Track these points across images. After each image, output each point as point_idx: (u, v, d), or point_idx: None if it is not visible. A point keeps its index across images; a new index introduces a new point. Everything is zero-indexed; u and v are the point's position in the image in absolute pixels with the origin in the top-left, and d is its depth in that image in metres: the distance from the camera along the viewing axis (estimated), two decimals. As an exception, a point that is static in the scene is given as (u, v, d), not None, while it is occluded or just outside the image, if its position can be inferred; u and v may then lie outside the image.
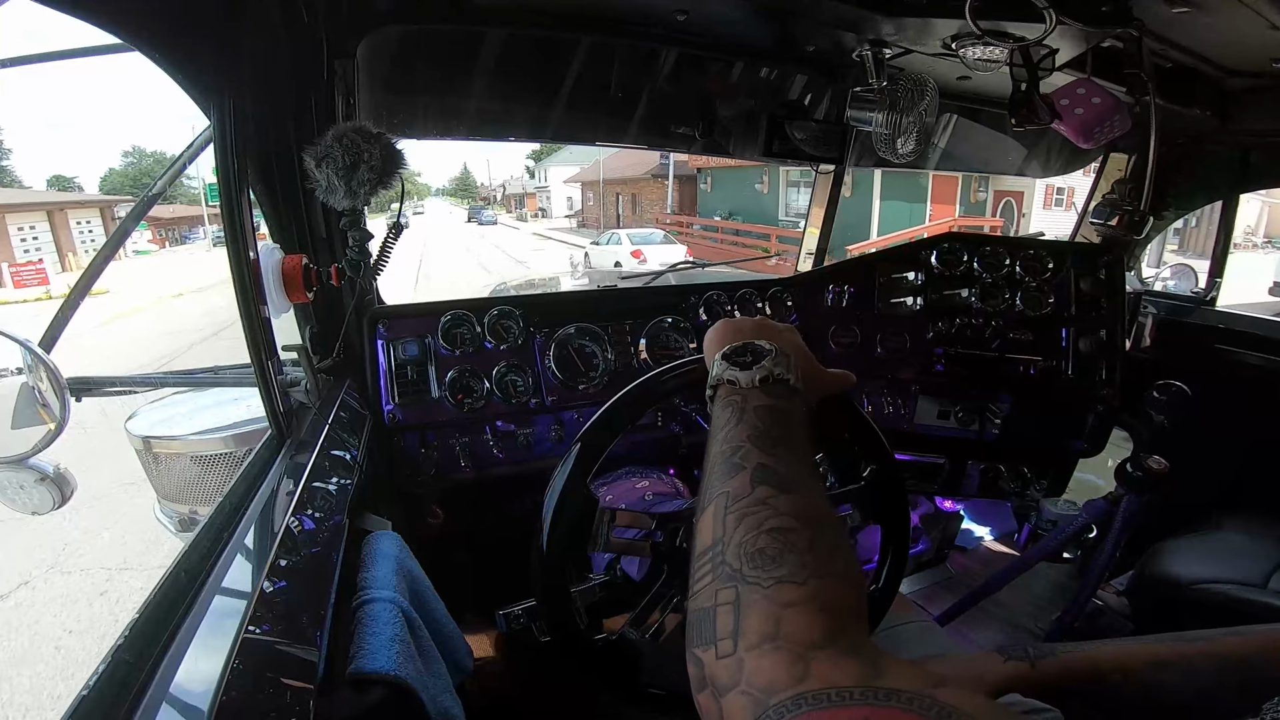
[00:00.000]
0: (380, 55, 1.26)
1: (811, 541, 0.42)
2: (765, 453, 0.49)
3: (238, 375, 1.34)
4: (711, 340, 0.68)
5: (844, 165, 1.84)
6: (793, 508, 0.44)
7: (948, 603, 1.75)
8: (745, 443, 0.51)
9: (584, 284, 6.22)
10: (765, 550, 0.41)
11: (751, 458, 0.49)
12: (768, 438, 0.51)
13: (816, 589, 0.39)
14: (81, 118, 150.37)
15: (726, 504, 0.46)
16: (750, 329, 0.67)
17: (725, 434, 0.53)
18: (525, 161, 51.82)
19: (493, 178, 63.39)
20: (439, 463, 1.43)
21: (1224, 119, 1.59)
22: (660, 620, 0.79)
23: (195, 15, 0.85)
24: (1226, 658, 0.62)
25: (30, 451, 0.87)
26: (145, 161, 48.97)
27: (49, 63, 1.12)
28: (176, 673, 0.52)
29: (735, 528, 0.44)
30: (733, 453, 0.50)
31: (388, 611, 0.77)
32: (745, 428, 0.52)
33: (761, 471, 0.47)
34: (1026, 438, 1.80)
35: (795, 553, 0.41)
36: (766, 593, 0.39)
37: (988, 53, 1.21)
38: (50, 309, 0.94)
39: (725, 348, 0.62)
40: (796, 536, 0.42)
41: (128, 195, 38.15)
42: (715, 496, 0.47)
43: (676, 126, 1.69)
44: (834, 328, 1.75)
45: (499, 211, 45.26)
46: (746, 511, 0.44)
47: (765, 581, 0.40)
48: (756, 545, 0.42)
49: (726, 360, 0.60)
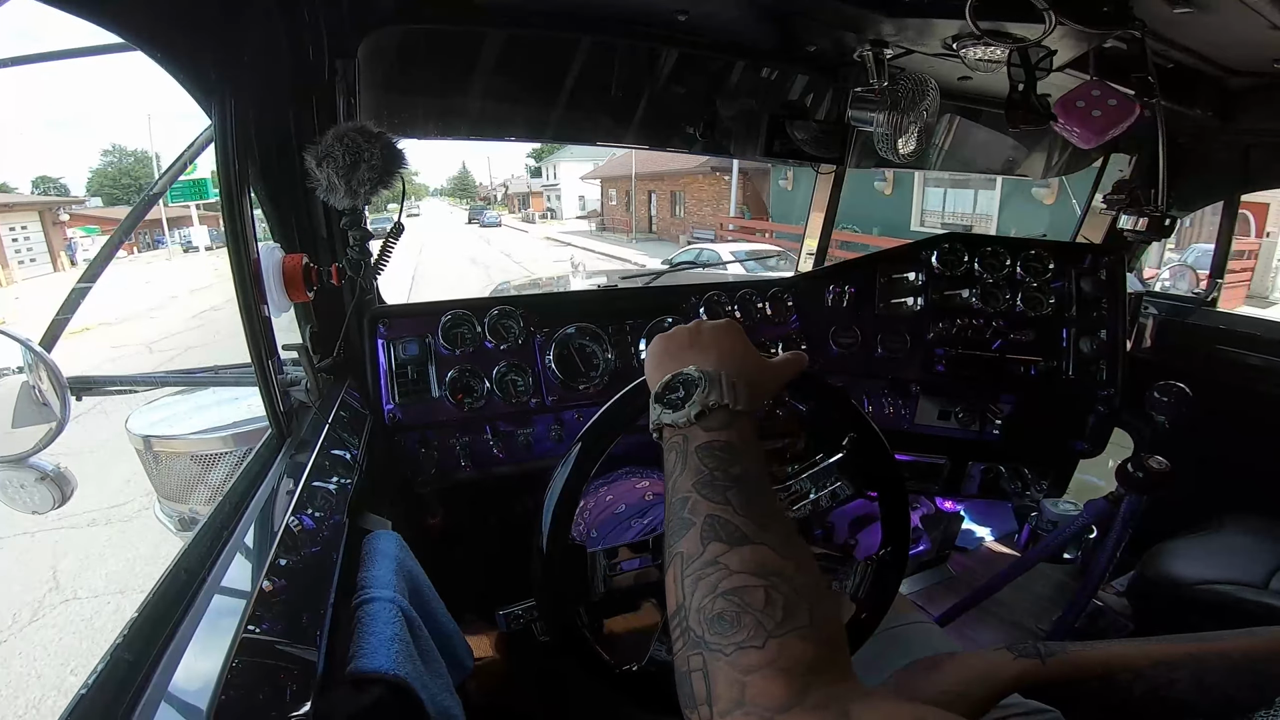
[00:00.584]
0: (381, 55, 1.26)
1: (768, 598, 0.42)
2: (713, 502, 0.48)
3: (238, 374, 1.34)
4: (650, 367, 0.65)
5: (845, 165, 1.84)
6: (745, 563, 0.44)
7: (948, 603, 1.75)
8: (691, 492, 0.50)
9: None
10: (723, 614, 0.41)
11: (700, 510, 0.48)
12: (713, 483, 0.50)
13: (776, 650, 0.39)
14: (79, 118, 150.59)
15: (683, 566, 0.46)
16: (682, 345, 0.64)
17: (674, 482, 0.52)
18: (525, 160, 49.18)
19: (493, 177, 60.48)
20: (439, 462, 1.43)
21: (1225, 119, 1.59)
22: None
23: (197, 14, 0.85)
24: (1236, 657, 0.62)
25: (31, 450, 0.87)
26: (126, 160, 46.70)
27: (50, 62, 1.12)
28: (176, 671, 0.52)
29: (693, 592, 0.44)
30: (682, 505, 0.49)
31: (387, 611, 0.77)
32: (690, 474, 0.51)
33: (710, 525, 0.47)
34: (1027, 438, 1.80)
35: (751, 613, 0.41)
36: (729, 659, 0.40)
37: (988, 53, 1.21)
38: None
39: (658, 385, 0.60)
40: (752, 595, 0.42)
41: (73, 198, 34.22)
42: (672, 557, 0.47)
43: (677, 126, 1.69)
44: (834, 328, 1.75)
45: (501, 212, 41.92)
46: (701, 574, 0.44)
47: (727, 648, 0.40)
48: (714, 610, 0.42)
49: (659, 402, 0.58)
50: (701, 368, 0.58)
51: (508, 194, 49.16)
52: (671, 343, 0.65)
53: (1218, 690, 0.61)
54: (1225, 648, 0.63)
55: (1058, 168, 2.24)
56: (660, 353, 0.65)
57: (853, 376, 1.76)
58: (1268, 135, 1.71)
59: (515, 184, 48.39)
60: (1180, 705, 0.62)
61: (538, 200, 39.36)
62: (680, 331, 0.66)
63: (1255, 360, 1.83)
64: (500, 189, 51.32)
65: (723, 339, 0.64)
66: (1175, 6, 1.07)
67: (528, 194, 42.30)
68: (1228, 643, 0.64)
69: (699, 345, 0.63)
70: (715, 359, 0.60)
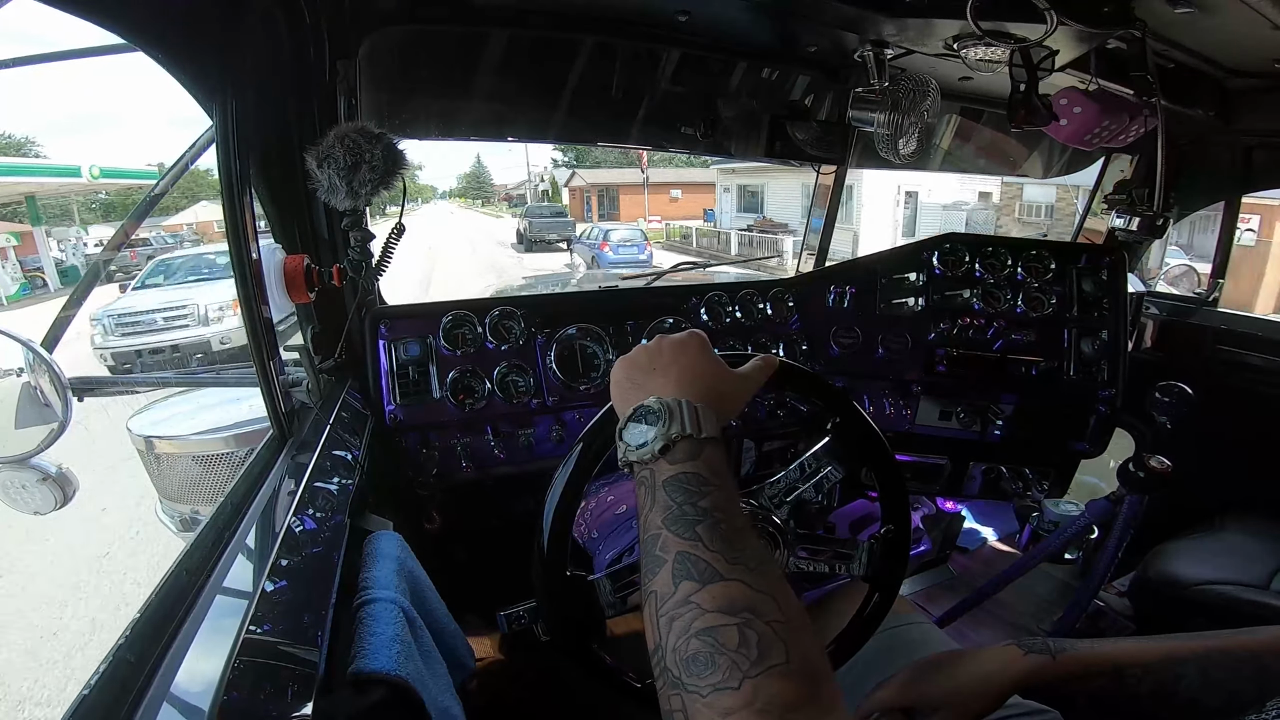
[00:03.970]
0: (382, 55, 1.26)
1: (742, 637, 0.41)
2: (681, 539, 0.48)
3: (239, 375, 1.34)
4: (615, 397, 0.64)
5: (845, 166, 1.85)
6: (717, 601, 0.43)
7: (949, 603, 1.75)
8: (661, 529, 0.49)
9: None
10: (697, 656, 0.41)
11: (670, 547, 0.47)
12: (682, 519, 0.49)
13: (752, 692, 0.39)
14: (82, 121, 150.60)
15: (657, 606, 0.45)
16: (641, 369, 0.63)
17: (645, 518, 0.52)
18: (552, 153, 41.00)
19: (532, 165, 42.57)
20: (440, 463, 1.43)
21: (1227, 119, 1.59)
22: None
23: (198, 15, 0.85)
24: (1241, 655, 0.62)
25: (33, 451, 0.88)
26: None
27: (52, 63, 1.12)
28: (178, 672, 0.52)
29: (667, 632, 0.44)
30: (653, 543, 0.49)
31: (389, 611, 0.77)
32: (659, 510, 0.51)
33: (681, 563, 0.46)
34: (1028, 439, 1.80)
35: (725, 654, 0.40)
36: (706, 700, 0.39)
37: (989, 53, 1.21)
38: None
39: (622, 420, 0.58)
40: (725, 635, 0.41)
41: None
42: (648, 596, 0.47)
43: (678, 127, 1.69)
44: (835, 328, 1.75)
45: (504, 212, 33.96)
46: (674, 614, 0.44)
47: (703, 690, 0.40)
48: (689, 651, 0.41)
49: (623, 439, 0.57)
50: (662, 396, 0.57)
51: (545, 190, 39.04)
52: (633, 368, 0.63)
53: (1222, 687, 0.61)
54: (1230, 645, 0.63)
55: (1058, 168, 2.24)
56: (622, 381, 0.63)
57: (854, 377, 1.76)
58: (1269, 136, 1.71)
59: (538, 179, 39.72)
60: (1186, 702, 0.62)
61: (635, 199, 29.11)
62: (639, 354, 0.64)
63: (1256, 360, 1.83)
64: (534, 182, 40.15)
65: (682, 357, 0.62)
66: (1176, 7, 1.07)
67: (607, 191, 31.23)
68: (1233, 640, 0.64)
69: (659, 367, 0.62)
70: (676, 381, 0.59)
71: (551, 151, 39.27)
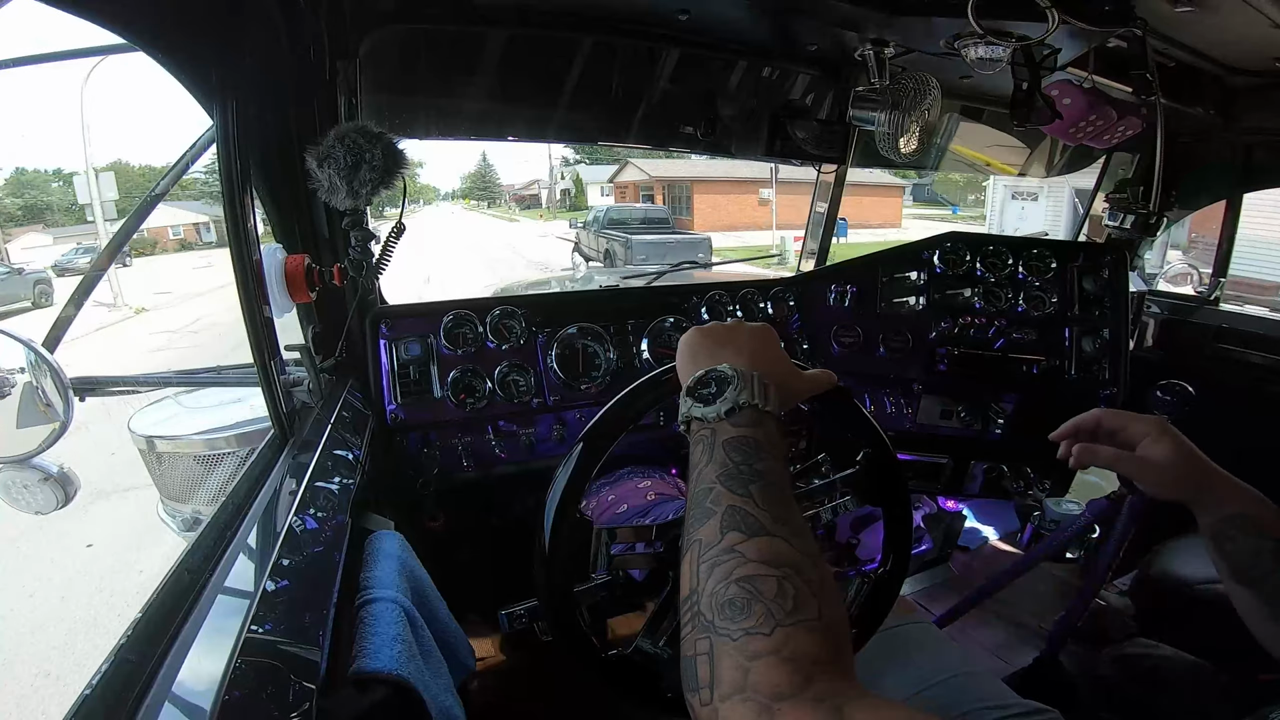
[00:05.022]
0: (382, 55, 1.26)
1: (780, 588, 0.42)
2: (735, 494, 0.49)
3: (240, 375, 1.34)
4: (682, 358, 0.66)
5: (846, 165, 1.84)
6: (761, 553, 0.44)
7: (950, 602, 1.75)
8: (716, 484, 0.50)
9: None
10: (734, 601, 0.42)
11: (721, 501, 0.49)
12: (737, 477, 0.50)
13: (783, 639, 0.40)
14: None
15: (699, 553, 0.46)
16: (719, 341, 0.65)
17: (698, 473, 0.53)
18: (563, 150, 32.71)
19: (555, 161, 35.47)
20: (441, 462, 1.43)
21: (1228, 118, 1.59)
22: (673, 626, 0.78)
23: (198, 15, 0.85)
24: None
25: (34, 451, 0.88)
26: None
27: (52, 63, 1.12)
28: (179, 672, 0.52)
29: (707, 578, 0.45)
30: (704, 495, 0.50)
31: (390, 611, 0.77)
32: (715, 466, 0.52)
33: (731, 516, 0.47)
34: (1030, 437, 1.79)
35: (762, 601, 0.41)
36: (736, 644, 0.40)
37: (990, 52, 1.21)
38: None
39: (690, 378, 0.60)
40: (765, 584, 0.42)
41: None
42: (691, 544, 0.48)
43: (678, 126, 1.69)
44: (836, 327, 1.75)
45: (548, 218, 26.92)
46: (716, 561, 0.45)
47: (735, 633, 0.40)
48: (726, 595, 0.42)
49: (691, 395, 0.59)
50: (735, 366, 0.59)
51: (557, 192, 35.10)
52: (707, 338, 0.66)
53: None
54: None
55: (1059, 167, 2.24)
56: (695, 346, 0.66)
57: (855, 376, 1.76)
58: (1270, 134, 1.70)
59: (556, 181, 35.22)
60: None
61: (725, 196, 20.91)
62: (717, 328, 0.67)
63: (1257, 359, 1.83)
64: (547, 184, 36.37)
65: (758, 341, 0.65)
66: (1177, 5, 1.07)
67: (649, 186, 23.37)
68: None
69: (734, 344, 0.64)
70: (749, 359, 0.61)
71: (562, 150, 33.83)
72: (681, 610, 0.46)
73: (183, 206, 22.28)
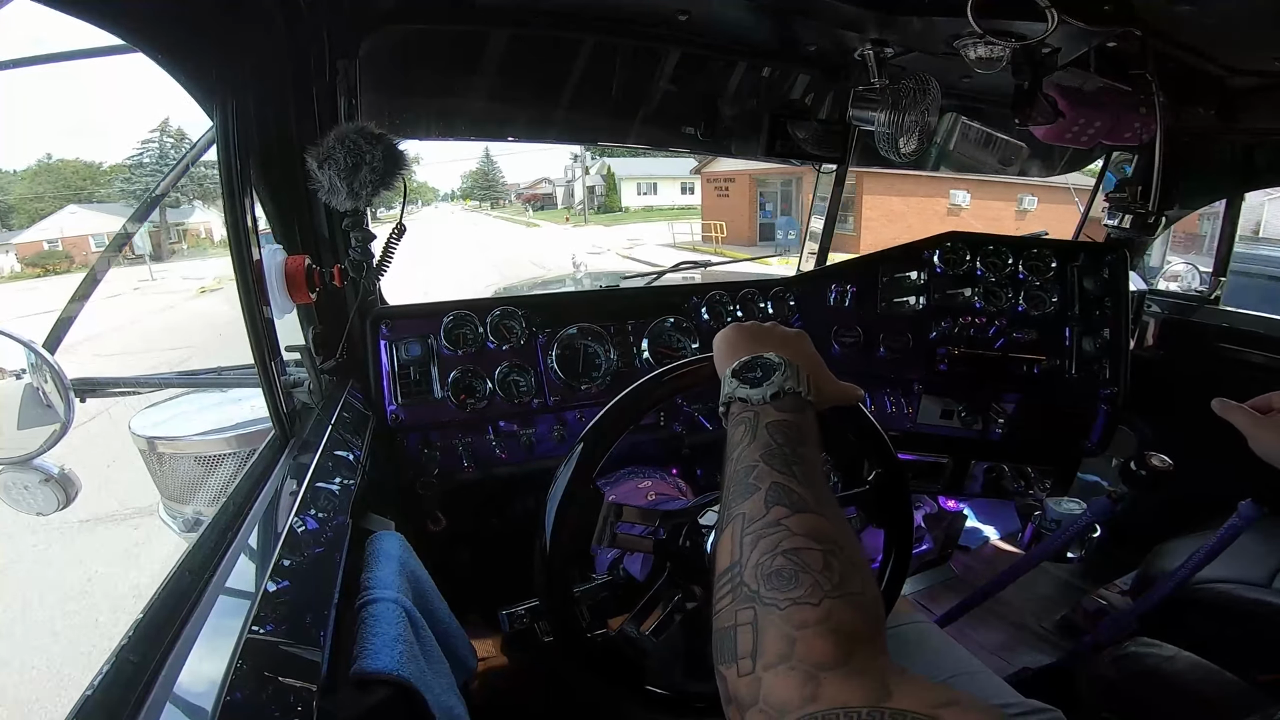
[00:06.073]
0: (382, 56, 1.26)
1: (826, 562, 0.43)
2: (779, 472, 0.50)
3: (241, 376, 1.34)
4: (721, 349, 0.69)
5: (846, 165, 1.84)
6: (806, 528, 0.45)
7: (951, 603, 1.75)
8: (759, 462, 0.52)
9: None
10: (781, 572, 0.42)
11: (765, 478, 0.50)
12: (780, 456, 0.52)
13: (829, 610, 0.40)
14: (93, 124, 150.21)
15: (743, 526, 0.47)
16: (760, 337, 0.68)
17: (739, 453, 0.54)
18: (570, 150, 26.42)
19: (571, 157, 31.14)
20: (441, 463, 1.43)
21: (1227, 118, 1.59)
22: (661, 618, 0.78)
23: (198, 16, 0.85)
24: None
25: (35, 452, 0.88)
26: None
27: (52, 64, 1.12)
28: (180, 673, 0.52)
29: (752, 549, 0.45)
30: (748, 473, 0.51)
31: (391, 611, 0.77)
32: (758, 446, 0.53)
33: (775, 492, 0.48)
34: (1030, 437, 1.79)
35: (810, 573, 0.42)
36: (782, 614, 0.40)
37: (989, 52, 1.21)
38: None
39: (735, 363, 0.63)
40: (811, 557, 0.43)
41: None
42: (733, 518, 0.49)
43: (678, 126, 1.69)
44: (836, 327, 1.75)
45: (576, 222, 22.07)
46: (762, 533, 0.46)
47: (781, 603, 0.41)
48: (773, 567, 0.43)
49: (736, 377, 0.61)
50: (781, 355, 0.62)
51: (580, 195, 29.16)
52: (749, 331, 0.70)
53: None
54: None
55: (1059, 167, 2.24)
56: (734, 339, 0.69)
57: (855, 376, 1.76)
58: (1269, 134, 1.70)
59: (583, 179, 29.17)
60: None
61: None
62: (755, 325, 0.72)
63: (1258, 358, 1.83)
64: (562, 182, 31.18)
65: (798, 343, 0.69)
66: (1177, 5, 1.07)
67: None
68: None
69: (774, 340, 0.68)
70: (791, 355, 0.64)
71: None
72: (718, 584, 0.46)
73: (104, 210, 18.45)
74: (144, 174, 25.07)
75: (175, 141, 24.77)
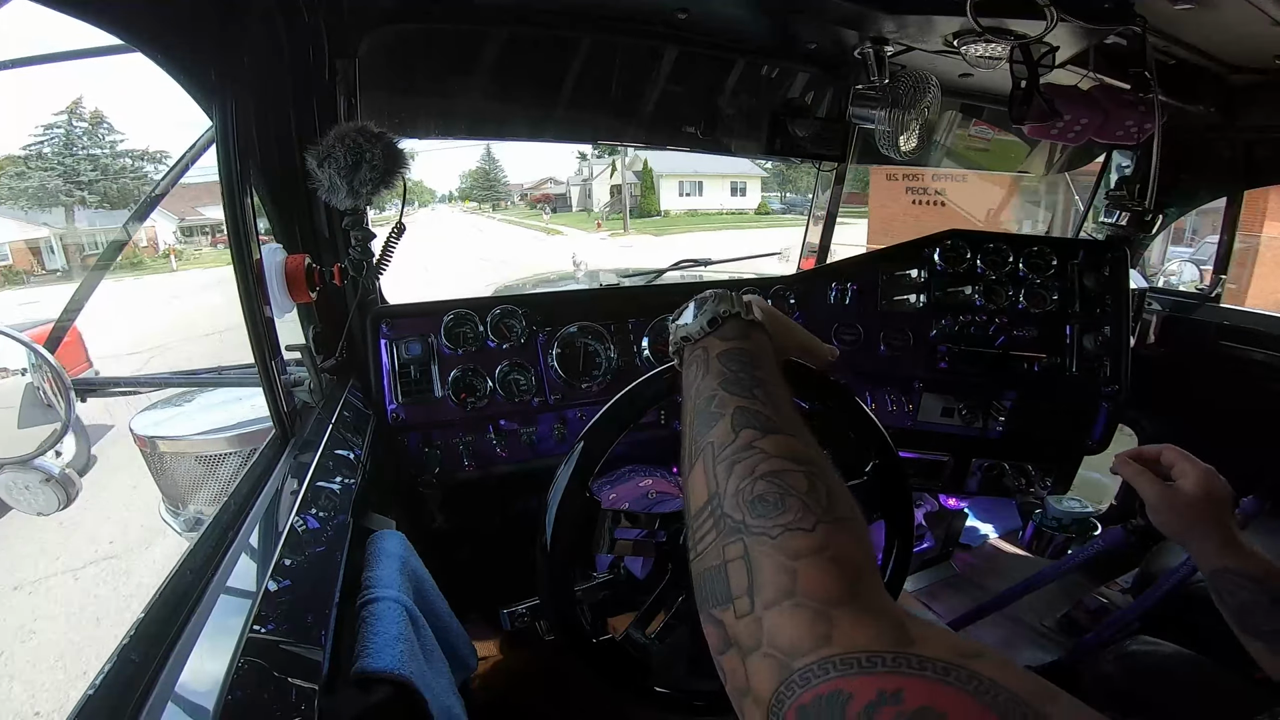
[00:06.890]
0: (382, 55, 1.26)
1: (810, 484, 0.40)
2: (740, 397, 0.47)
3: (241, 375, 1.34)
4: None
5: (846, 163, 1.84)
6: (781, 449, 0.42)
7: (952, 600, 1.75)
8: (718, 390, 0.49)
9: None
10: (765, 496, 0.39)
11: (728, 404, 0.47)
12: (738, 381, 0.49)
13: (826, 536, 0.37)
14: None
15: (714, 455, 0.44)
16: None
17: (696, 388, 0.52)
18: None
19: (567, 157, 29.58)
20: (442, 461, 1.44)
21: (1228, 115, 1.59)
22: (665, 621, 0.78)
23: (197, 16, 0.85)
24: None
25: (35, 452, 0.88)
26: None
27: (51, 64, 1.12)
28: (182, 672, 0.52)
29: (727, 478, 0.41)
30: (708, 402, 0.48)
31: (392, 610, 0.77)
32: (713, 377, 0.51)
33: (741, 415, 0.45)
34: (1031, 435, 1.79)
35: (796, 496, 0.39)
36: (775, 543, 0.37)
37: (989, 50, 1.21)
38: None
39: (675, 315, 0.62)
40: (793, 479, 0.40)
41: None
42: (701, 450, 0.45)
43: (678, 125, 1.69)
44: (837, 325, 1.75)
45: (611, 228, 19.76)
46: (736, 459, 0.42)
47: (772, 531, 0.37)
48: (754, 492, 0.39)
49: (674, 321, 0.60)
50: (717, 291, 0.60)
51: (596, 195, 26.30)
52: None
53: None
54: None
55: (1059, 165, 2.24)
56: None
57: (855, 374, 1.76)
58: (1270, 132, 1.70)
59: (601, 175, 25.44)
60: None
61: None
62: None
63: (1259, 356, 1.82)
64: (574, 182, 28.33)
65: (758, 300, 0.65)
66: (1177, 3, 1.07)
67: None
68: None
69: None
70: (751, 308, 0.62)
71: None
72: (695, 524, 0.42)
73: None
74: (39, 166, 19.90)
75: (90, 126, 20.80)
